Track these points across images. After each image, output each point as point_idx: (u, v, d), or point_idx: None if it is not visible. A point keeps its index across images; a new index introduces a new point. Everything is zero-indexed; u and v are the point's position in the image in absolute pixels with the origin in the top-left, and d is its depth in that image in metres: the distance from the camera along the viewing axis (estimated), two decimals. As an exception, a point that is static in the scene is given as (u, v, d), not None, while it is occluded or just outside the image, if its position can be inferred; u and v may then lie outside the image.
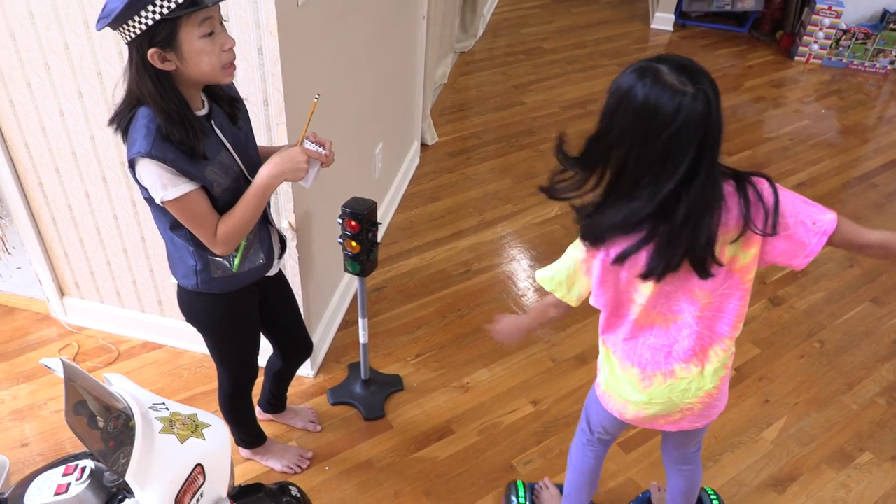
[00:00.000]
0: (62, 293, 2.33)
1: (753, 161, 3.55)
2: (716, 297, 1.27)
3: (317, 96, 1.41)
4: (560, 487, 1.86)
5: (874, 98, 4.33)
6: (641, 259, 1.21)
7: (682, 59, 1.13)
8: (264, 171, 1.36)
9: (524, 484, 1.90)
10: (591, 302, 1.35)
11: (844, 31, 4.49)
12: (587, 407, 1.59)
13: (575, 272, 1.33)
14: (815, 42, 4.58)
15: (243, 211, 1.35)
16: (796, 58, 4.67)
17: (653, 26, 5.08)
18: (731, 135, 3.73)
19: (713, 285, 1.24)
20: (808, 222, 1.19)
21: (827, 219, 1.19)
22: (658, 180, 1.12)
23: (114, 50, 1.71)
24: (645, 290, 1.27)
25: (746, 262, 1.23)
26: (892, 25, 4.41)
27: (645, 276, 1.22)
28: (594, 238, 1.24)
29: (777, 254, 1.22)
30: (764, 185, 1.18)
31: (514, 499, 1.86)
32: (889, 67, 4.57)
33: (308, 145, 1.40)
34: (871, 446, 2.13)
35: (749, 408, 2.24)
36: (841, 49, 4.57)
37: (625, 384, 1.40)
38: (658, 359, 1.35)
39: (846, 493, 2.00)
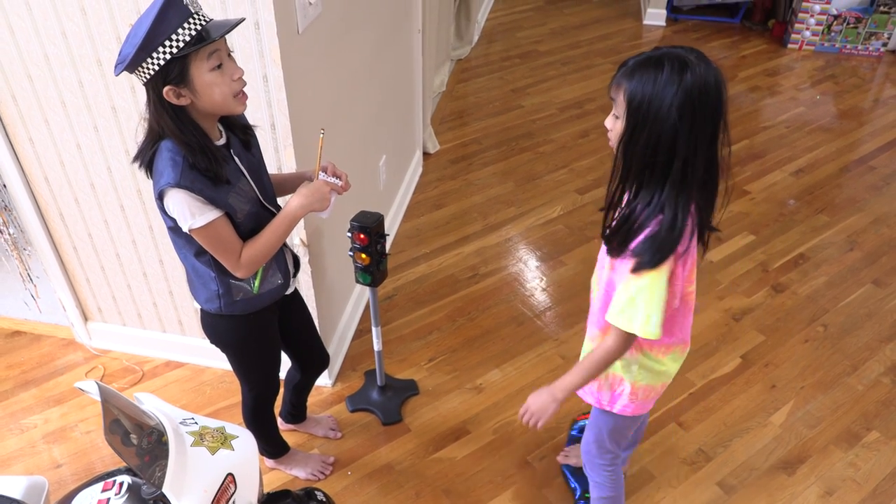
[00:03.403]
0: (86, 318, 2.41)
1: (751, 150, 3.60)
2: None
3: (322, 131, 1.49)
4: None
5: (869, 81, 4.37)
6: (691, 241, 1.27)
7: (679, 48, 1.18)
8: (294, 203, 1.44)
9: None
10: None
11: (835, 17, 4.54)
12: (607, 434, 1.58)
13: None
14: (807, 29, 4.62)
15: (269, 237, 1.44)
16: (789, 45, 4.72)
17: (645, 22, 5.14)
18: (728, 125, 3.76)
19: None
20: None
21: None
22: (712, 154, 1.20)
23: (126, 85, 1.79)
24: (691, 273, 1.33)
25: None
26: (882, 8, 4.46)
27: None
28: (674, 246, 1.22)
29: None
30: None
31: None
32: (882, 49, 4.61)
33: (322, 177, 1.48)
34: (877, 425, 2.18)
35: (756, 394, 2.29)
36: (833, 34, 4.61)
37: (665, 366, 1.45)
38: (682, 333, 1.44)
39: (855, 471, 2.05)
